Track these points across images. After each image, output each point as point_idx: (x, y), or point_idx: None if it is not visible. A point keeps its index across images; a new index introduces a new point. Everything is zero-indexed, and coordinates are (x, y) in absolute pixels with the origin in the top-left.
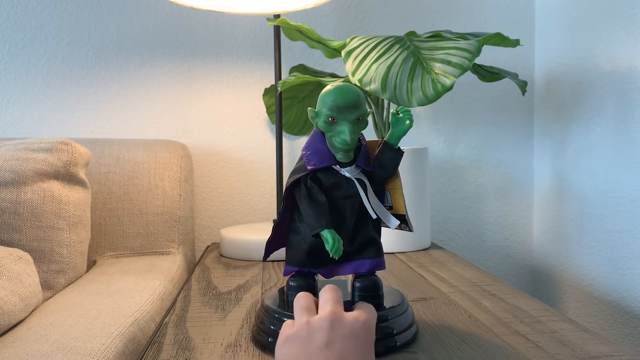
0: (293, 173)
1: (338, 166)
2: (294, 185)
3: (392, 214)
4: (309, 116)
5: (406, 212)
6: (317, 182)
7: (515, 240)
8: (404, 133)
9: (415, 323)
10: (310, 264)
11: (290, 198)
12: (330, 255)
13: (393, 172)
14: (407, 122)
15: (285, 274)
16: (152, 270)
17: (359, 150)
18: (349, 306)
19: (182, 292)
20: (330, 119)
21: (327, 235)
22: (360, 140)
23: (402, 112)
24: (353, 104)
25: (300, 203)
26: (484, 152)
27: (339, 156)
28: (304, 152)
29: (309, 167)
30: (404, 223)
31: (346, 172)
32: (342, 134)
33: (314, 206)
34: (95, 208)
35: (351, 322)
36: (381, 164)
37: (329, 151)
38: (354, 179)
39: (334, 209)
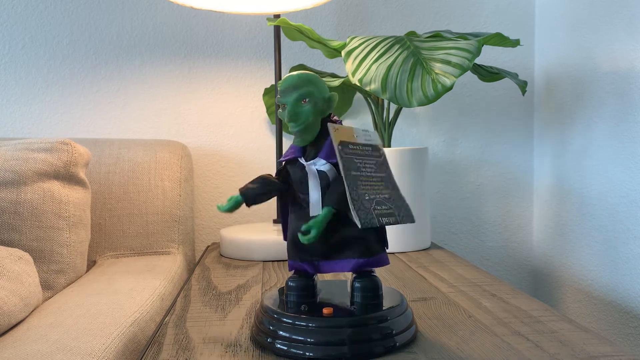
0: None
1: (303, 159)
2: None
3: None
4: None
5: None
6: (287, 175)
7: (515, 240)
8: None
9: (415, 323)
10: (297, 256)
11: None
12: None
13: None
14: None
15: (289, 268)
16: (152, 270)
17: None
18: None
19: (182, 292)
20: (281, 105)
21: None
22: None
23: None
24: (291, 85)
25: None
26: (484, 152)
27: (295, 141)
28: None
29: (280, 160)
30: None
31: (306, 163)
32: (284, 114)
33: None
34: (95, 208)
35: None
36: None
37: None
38: (308, 171)
39: (305, 204)
